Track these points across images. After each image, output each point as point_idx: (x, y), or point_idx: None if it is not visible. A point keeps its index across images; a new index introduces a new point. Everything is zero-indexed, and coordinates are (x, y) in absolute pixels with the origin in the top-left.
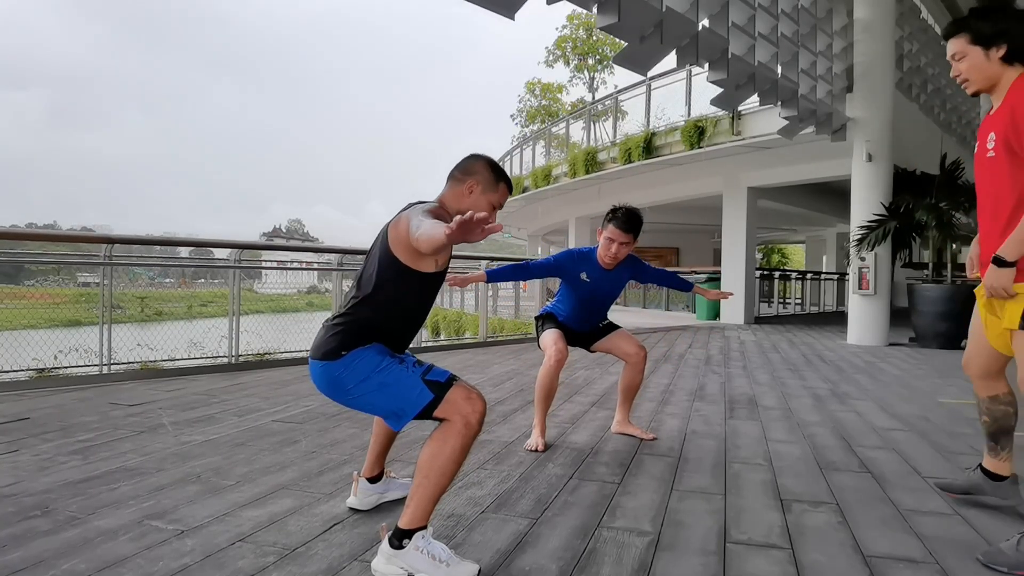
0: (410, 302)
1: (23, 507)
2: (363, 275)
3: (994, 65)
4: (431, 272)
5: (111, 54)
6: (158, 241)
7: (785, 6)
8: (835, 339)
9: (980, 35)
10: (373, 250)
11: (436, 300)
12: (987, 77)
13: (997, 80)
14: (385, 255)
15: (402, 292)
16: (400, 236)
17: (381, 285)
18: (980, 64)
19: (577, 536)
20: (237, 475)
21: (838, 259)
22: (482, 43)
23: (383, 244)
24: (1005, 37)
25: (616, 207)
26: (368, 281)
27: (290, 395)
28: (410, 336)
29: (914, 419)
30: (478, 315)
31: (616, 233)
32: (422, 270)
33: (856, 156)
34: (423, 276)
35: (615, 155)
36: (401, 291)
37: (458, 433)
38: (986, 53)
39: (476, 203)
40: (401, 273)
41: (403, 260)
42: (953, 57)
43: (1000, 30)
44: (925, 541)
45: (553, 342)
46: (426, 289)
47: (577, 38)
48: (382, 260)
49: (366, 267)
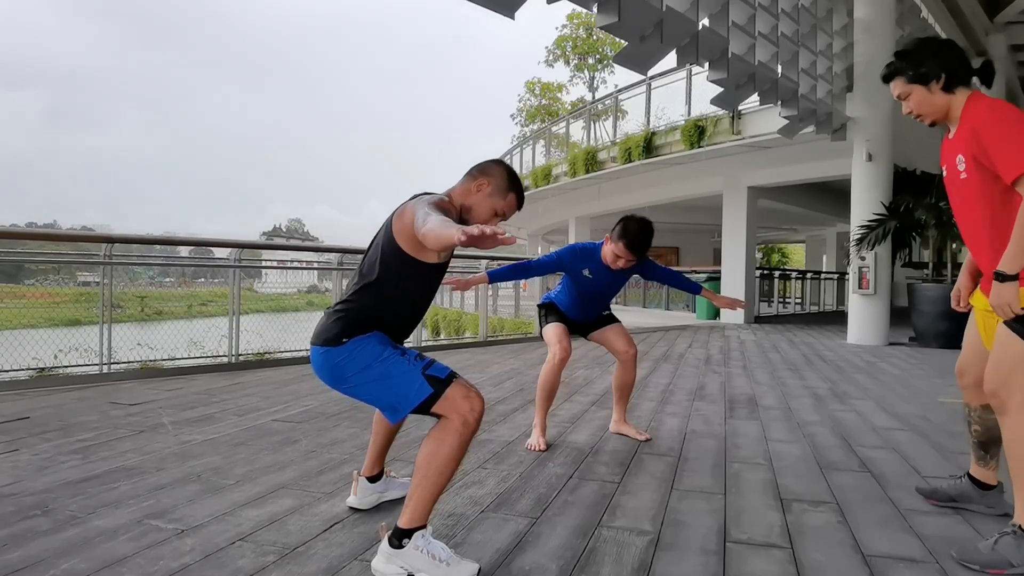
0: (412, 291)
1: (23, 507)
2: (365, 263)
3: (938, 97)
4: (433, 263)
5: (111, 53)
6: (158, 240)
7: (785, 6)
8: (835, 339)
9: (916, 74)
10: (377, 238)
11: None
12: (937, 109)
13: (947, 109)
14: (389, 244)
15: (404, 281)
16: (405, 226)
17: (383, 274)
18: (926, 99)
19: (577, 535)
20: (237, 475)
21: (838, 259)
22: (483, 42)
23: (387, 233)
24: (937, 70)
25: (628, 218)
26: (371, 269)
27: (290, 395)
28: (411, 326)
29: (914, 419)
30: (478, 315)
31: (625, 252)
32: (425, 260)
33: (856, 156)
34: (425, 266)
35: (615, 155)
36: (403, 280)
37: (456, 432)
38: (927, 88)
39: (480, 202)
40: (404, 263)
41: (406, 250)
42: (899, 98)
43: (930, 66)
44: (925, 541)
45: (558, 340)
46: (428, 279)
47: (577, 37)
48: (385, 249)
49: (368, 255)
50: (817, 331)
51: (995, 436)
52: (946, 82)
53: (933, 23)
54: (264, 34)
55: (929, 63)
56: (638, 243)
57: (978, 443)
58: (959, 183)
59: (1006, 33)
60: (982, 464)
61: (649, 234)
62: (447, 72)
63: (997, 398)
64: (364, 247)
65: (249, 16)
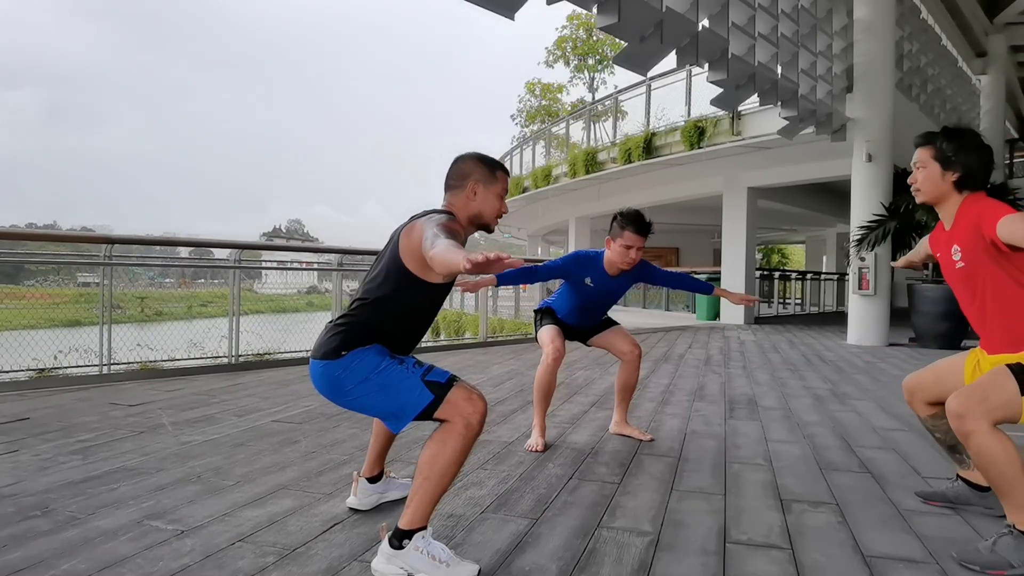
0: (415, 309)
1: (23, 507)
2: (369, 279)
3: (945, 185)
4: (439, 283)
5: (111, 53)
6: (158, 241)
7: (785, 6)
8: (835, 339)
9: (943, 155)
10: (383, 254)
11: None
12: (937, 193)
13: (944, 198)
14: (394, 262)
15: (408, 299)
16: (412, 246)
17: (387, 291)
18: (935, 179)
19: (577, 536)
20: (237, 475)
21: (838, 259)
22: (484, 42)
23: (393, 251)
24: (961, 165)
25: (621, 212)
26: (374, 285)
27: (290, 395)
28: (413, 341)
29: (914, 419)
30: (478, 315)
31: (635, 239)
32: (430, 280)
33: (856, 156)
34: (431, 285)
35: (615, 155)
36: (407, 298)
37: (459, 434)
38: (942, 173)
39: (485, 201)
40: (409, 281)
41: (412, 269)
42: (915, 164)
43: (959, 158)
44: (925, 541)
45: (551, 340)
46: (433, 297)
47: (577, 38)
48: (390, 267)
49: (373, 271)
50: (817, 332)
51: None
52: (959, 179)
53: (933, 23)
54: (264, 34)
55: (960, 155)
56: (642, 224)
57: (947, 447)
58: (956, 272)
59: (1006, 33)
60: (963, 466)
61: (644, 216)
62: (449, 71)
63: (960, 419)
64: (364, 247)
65: (250, 16)
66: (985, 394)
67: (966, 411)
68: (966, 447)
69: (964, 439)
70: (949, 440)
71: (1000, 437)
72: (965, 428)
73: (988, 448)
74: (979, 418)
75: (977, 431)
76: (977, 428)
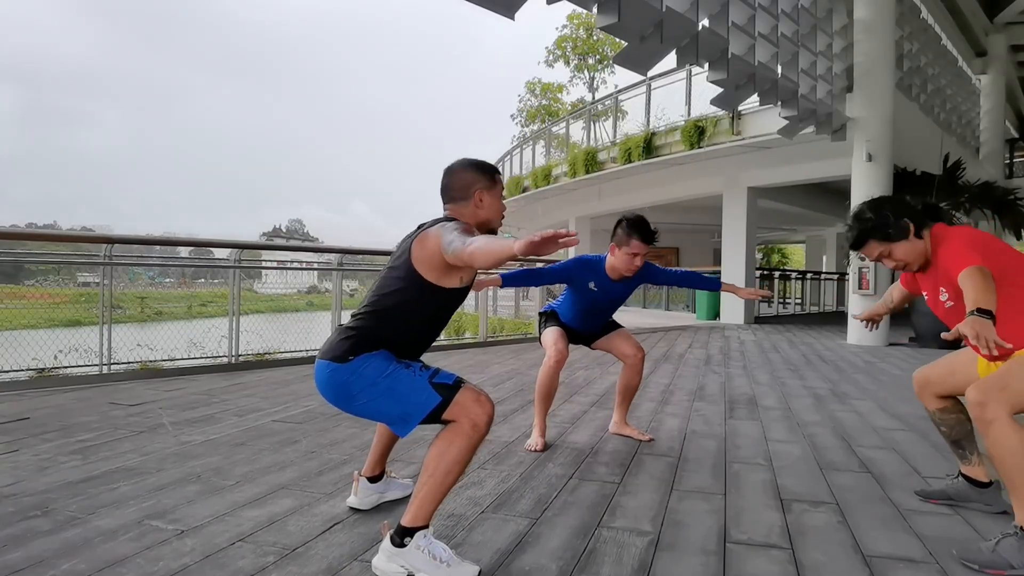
0: (427, 316)
1: (23, 507)
2: (380, 285)
3: (916, 243)
4: (454, 288)
5: (111, 52)
6: (158, 241)
7: (785, 6)
8: (835, 339)
9: (886, 235)
10: (395, 263)
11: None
12: (920, 254)
13: (926, 250)
14: (407, 271)
15: (420, 307)
16: (426, 254)
17: (399, 300)
18: (908, 250)
19: (577, 536)
20: (237, 475)
21: (838, 259)
22: (484, 42)
23: (405, 260)
24: (901, 223)
25: (626, 219)
26: (386, 293)
27: (290, 395)
28: (422, 348)
29: (914, 419)
30: (478, 315)
31: (642, 247)
32: (445, 286)
33: (856, 156)
34: (444, 292)
35: (615, 155)
36: (419, 306)
37: (465, 435)
38: (905, 241)
39: (492, 207)
40: (422, 289)
41: (426, 276)
42: (879, 258)
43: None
44: (925, 541)
45: (554, 342)
46: (446, 304)
47: (577, 38)
48: (402, 275)
49: (385, 278)
50: (817, 331)
51: (964, 432)
52: (915, 230)
53: (933, 23)
54: (264, 34)
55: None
56: (648, 232)
57: (952, 442)
58: (946, 310)
59: (1006, 33)
60: (965, 462)
61: (649, 223)
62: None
63: (980, 406)
64: (363, 247)
65: (250, 16)
66: (1005, 382)
67: (987, 399)
68: (984, 437)
69: (984, 428)
70: (954, 435)
71: (1019, 429)
72: (986, 416)
73: (1007, 439)
74: (1000, 405)
75: (998, 420)
76: (998, 417)
